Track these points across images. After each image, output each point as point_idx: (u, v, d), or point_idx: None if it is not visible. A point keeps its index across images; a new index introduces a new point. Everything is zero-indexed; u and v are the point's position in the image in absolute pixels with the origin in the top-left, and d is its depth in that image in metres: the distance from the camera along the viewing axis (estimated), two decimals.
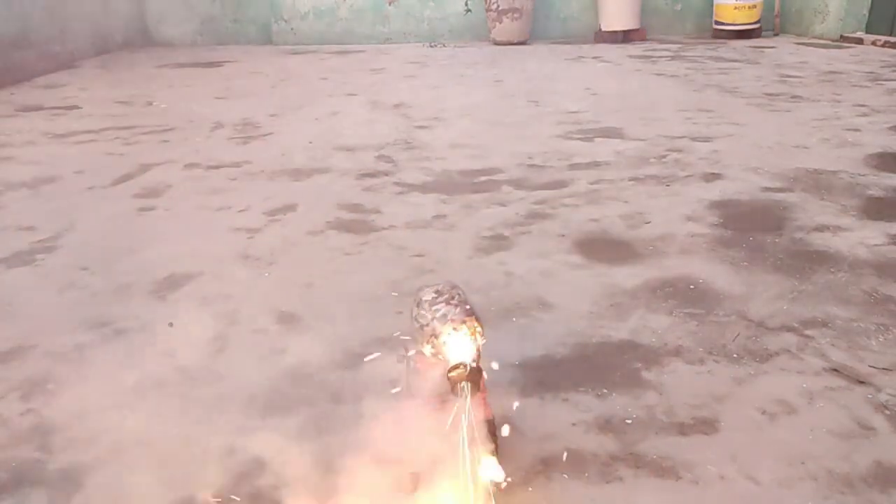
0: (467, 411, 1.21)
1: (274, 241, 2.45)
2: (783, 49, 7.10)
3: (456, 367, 1.26)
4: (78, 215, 2.75)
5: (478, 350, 1.32)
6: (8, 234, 2.58)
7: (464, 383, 1.25)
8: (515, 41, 8.10)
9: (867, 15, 7.46)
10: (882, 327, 1.77)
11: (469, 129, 4.06)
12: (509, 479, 1.20)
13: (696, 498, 1.23)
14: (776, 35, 8.22)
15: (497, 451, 1.21)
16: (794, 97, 4.68)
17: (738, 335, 1.75)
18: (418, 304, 1.39)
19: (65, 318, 1.92)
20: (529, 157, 3.42)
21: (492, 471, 1.16)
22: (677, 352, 1.69)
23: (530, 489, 1.23)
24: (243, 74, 6.39)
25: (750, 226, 2.48)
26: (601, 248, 2.34)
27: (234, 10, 8.72)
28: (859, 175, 3.00)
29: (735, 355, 1.67)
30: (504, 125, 4.13)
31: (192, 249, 2.39)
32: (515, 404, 1.44)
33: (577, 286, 2.05)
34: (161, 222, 2.68)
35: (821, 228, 2.43)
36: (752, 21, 7.95)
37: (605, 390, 1.53)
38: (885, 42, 7.01)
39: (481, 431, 1.20)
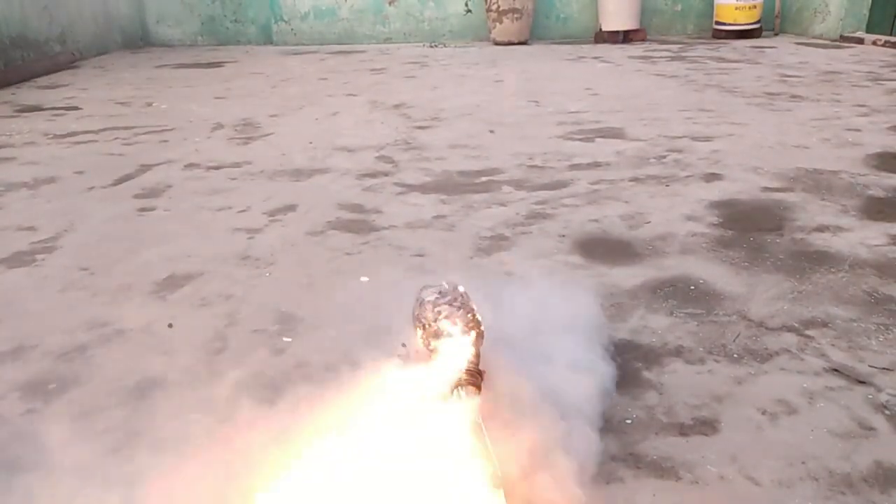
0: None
1: (274, 241, 2.45)
2: (783, 49, 7.10)
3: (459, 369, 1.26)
4: (78, 215, 2.75)
5: (478, 352, 1.33)
6: (8, 234, 2.58)
7: (464, 385, 1.25)
8: (515, 41, 8.10)
9: (867, 15, 7.47)
10: (882, 327, 1.77)
11: (469, 129, 4.06)
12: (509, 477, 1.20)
13: (696, 498, 1.23)
14: (776, 35, 8.22)
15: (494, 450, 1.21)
16: (794, 97, 4.68)
17: (738, 335, 1.75)
18: (420, 304, 1.39)
19: (65, 318, 1.92)
20: (530, 158, 3.42)
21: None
22: (677, 352, 1.69)
23: (531, 489, 1.22)
24: (243, 75, 6.40)
25: (750, 226, 2.48)
26: (601, 248, 2.34)
27: (235, 11, 8.72)
28: (859, 175, 3.00)
29: (735, 355, 1.67)
30: (504, 125, 4.13)
31: (192, 250, 2.39)
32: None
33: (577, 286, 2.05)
34: (161, 222, 2.68)
35: (821, 228, 2.43)
36: (752, 21, 7.95)
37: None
38: (886, 42, 7.01)
39: (481, 431, 1.20)
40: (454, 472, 1.13)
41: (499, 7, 7.94)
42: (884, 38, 7.08)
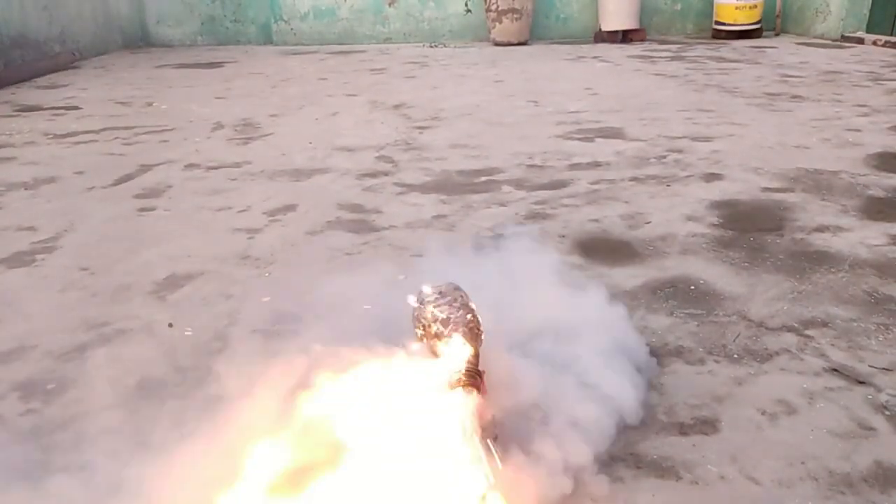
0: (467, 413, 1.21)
1: (274, 241, 2.45)
2: (784, 49, 7.10)
3: (458, 369, 1.26)
4: (78, 215, 2.75)
5: (477, 352, 1.32)
6: (8, 234, 2.58)
7: (463, 386, 1.25)
8: (515, 41, 8.09)
9: (868, 15, 7.46)
10: (882, 327, 1.77)
11: (469, 129, 4.06)
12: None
13: (696, 498, 1.23)
14: (777, 35, 8.22)
15: (496, 451, 1.21)
16: (794, 97, 4.68)
17: (738, 335, 1.75)
18: (420, 305, 1.39)
19: (65, 318, 1.92)
20: (529, 158, 3.42)
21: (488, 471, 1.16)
22: (678, 352, 1.69)
23: (532, 489, 1.23)
24: (243, 75, 6.40)
25: (750, 226, 2.48)
26: (601, 248, 2.33)
27: (234, 11, 8.72)
28: (860, 175, 3.00)
29: (735, 355, 1.67)
30: (504, 125, 4.13)
31: (193, 250, 2.39)
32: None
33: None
34: (161, 222, 2.68)
35: (821, 228, 2.43)
36: (752, 21, 7.94)
37: None
38: (886, 42, 7.00)
39: (481, 431, 1.20)
40: (453, 473, 1.13)
41: (498, 7, 7.93)
42: (884, 38, 7.08)
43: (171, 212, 2.80)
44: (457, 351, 1.28)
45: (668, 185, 2.94)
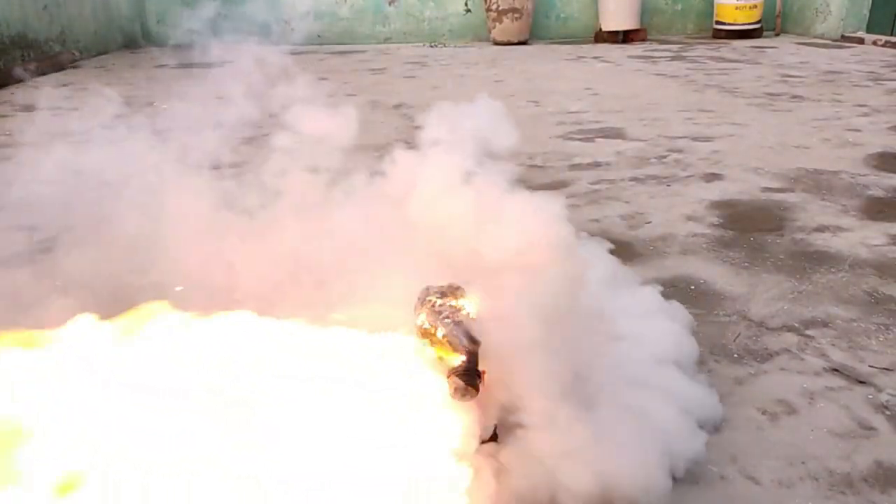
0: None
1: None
2: (784, 49, 7.10)
3: (456, 369, 1.26)
4: (78, 215, 2.75)
5: (478, 352, 1.32)
6: (8, 234, 2.58)
7: (463, 386, 1.25)
8: (515, 41, 8.10)
9: (868, 15, 7.47)
10: (882, 327, 1.77)
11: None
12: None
13: (696, 498, 1.23)
14: (777, 35, 8.22)
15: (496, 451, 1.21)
16: (794, 97, 4.68)
17: (738, 335, 1.75)
18: (421, 304, 1.39)
19: (65, 319, 1.92)
20: (530, 158, 3.41)
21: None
22: None
23: (532, 490, 1.23)
24: (243, 74, 6.39)
25: (750, 226, 2.48)
26: None
27: (234, 10, 8.73)
28: (860, 175, 3.00)
29: (736, 355, 1.67)
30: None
31: (193, 250, 2.38)
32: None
33: None
34: (161, 222, 2.68)
35: (821, 228, 2.43)
36: (753, 21, 7.95)
37: None
38: (886, 42, 7.01)
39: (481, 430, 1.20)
40: (453, 473, 1.13)
41: (498, 7, 7.94)
42: (884, 38, 7.08)
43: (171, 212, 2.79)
44: (457, 351, 1.28)
45: (669, 185, 2.94)
